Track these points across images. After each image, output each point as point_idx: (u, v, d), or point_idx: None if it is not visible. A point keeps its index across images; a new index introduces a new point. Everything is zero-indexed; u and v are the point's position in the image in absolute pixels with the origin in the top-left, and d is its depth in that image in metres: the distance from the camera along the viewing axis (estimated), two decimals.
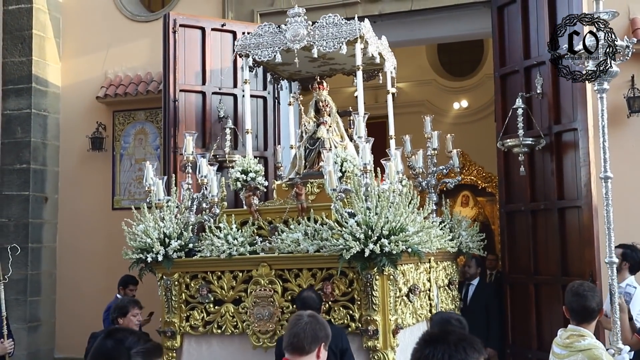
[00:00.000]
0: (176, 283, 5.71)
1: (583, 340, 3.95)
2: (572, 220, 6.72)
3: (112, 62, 9.51)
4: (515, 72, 7.39)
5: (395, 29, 8.38)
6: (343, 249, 4.88)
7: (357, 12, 8.09)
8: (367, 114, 5.71)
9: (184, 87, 7.88)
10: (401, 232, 4.90)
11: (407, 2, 8.29)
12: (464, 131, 12.41)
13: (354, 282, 5.15)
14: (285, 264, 5.38)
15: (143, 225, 5.67)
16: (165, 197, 5.86)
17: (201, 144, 7.80)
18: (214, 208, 5.86)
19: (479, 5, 8.04)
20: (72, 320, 9.18)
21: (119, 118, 9.42)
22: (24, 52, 9.49)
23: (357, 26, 5.80)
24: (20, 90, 9.46)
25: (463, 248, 6.82)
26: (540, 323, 6.91)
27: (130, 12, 9.55)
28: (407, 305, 5.50)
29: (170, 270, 5.66)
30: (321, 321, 3.53)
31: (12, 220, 9.33)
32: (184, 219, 5.80)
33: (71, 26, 9.83)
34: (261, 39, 6.08)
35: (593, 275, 6.27)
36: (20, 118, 9.44)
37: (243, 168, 5.98)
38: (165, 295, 5.74)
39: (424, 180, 6.81)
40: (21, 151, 9.41)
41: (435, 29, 8.58)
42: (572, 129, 6.72)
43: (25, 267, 9.16)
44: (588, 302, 4.04)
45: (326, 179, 5.26)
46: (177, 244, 5.62)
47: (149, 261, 5.62)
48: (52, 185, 9.64)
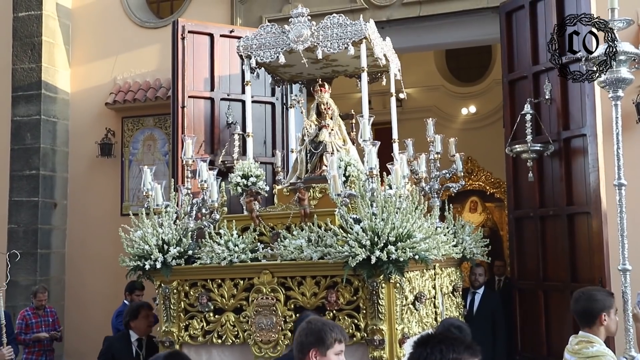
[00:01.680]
0: (175, 291, 5.53)
1: (592, 347, 3.93)
2: (581, 226, 6.70)
3: (121, 69, 9.55)
4: (523, 78, 7.38)
5: (403, 35, 8.38)
6: (348, 256, 4.74)
7: (365, 17, 8.07)
8: (373, 117, 5.59)
9: (192, 93, 7.89)
10: (408, 238, 4.76)
11: (415, 8, 8.29)
12: (472, 137, 12.42)
13: (360, 290, 4.99)
14: (288, 272, 5.22)
15: (141, 231, 5.48)
16: (164, 202, 5.67)
17: (209, 150, 7.82)
18: (214, 214, 5.68)
19: (487, 11, 8.04)
20: (81, 326, 9.20)
21: (127, 124, 9.45)
22: (34, 59, 9.54)
23: (362, 27, 5.67)
24: (30, 96, 9.51)
25: (467, 254, 6.65)
26: (549, 329, 6.88)
27: (139, 18, 9.59)
28: (413, 313, 5.35)
29: (169, 278, 5.47)
30: (313, 326, 3.31)
31: (21, 226, 9.37)
32: (183, 225, 5.62)
33: (80, 33, 9.88)
34: (263, 39, 5.93)
35: (602, 282, 6.23)
36: (29, 124, 9.48)
37: (244, 173, 5.85)
38: (163, 304, 5.55)
39: (427, 185, 6.61)
40: (30, 157, 9.45)
41: (443, 34, 8.58)
42: (581, 135, 6.70)
43: (34, 273, 9.20)
44: (584, 305, 4.04)
45: (330, 183, 5.11)
46: (176, 251, 5.43)
47: (147, 269, 5.43)
48: (61, 191, 9.67)
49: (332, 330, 3.29)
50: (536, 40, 7.21)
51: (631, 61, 4.41)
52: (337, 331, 3.33)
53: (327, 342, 3.24)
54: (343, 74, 6.71)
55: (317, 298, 5.12)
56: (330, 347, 3.24)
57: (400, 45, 8.84)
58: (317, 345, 3.22)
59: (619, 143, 4.52)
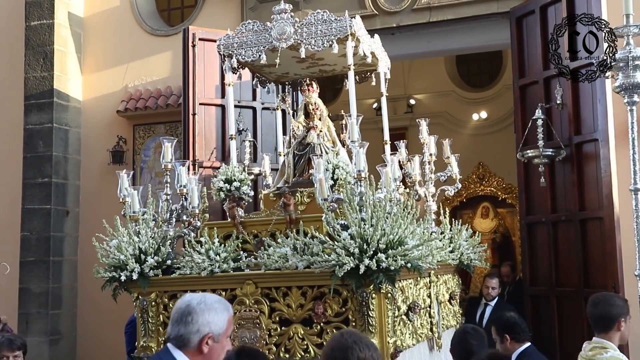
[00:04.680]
0: (153, 303, 5.21)
1: (606, 352, 3.90)
2: (593, 231, 6.66)
3: (132, 76, 9.59)
4: (534, 83, 7.36)
5: (413, 41, 8.39)
6: (336, 265, 4.44)
7: (375, 24, 8.11)
8: (361, 116, 5.21)
9: (203, 101, 7.92)
10: (400, 245, 4.46)
11: (425, 14, 8.29)
12: (484, 142, 12.40)
13: (348, 301, 4.70)
14: (273, 282, 4.90)
15: (116, 240, 5.17)
16: (141, 209, 5.32)
17: (220, 157, 7.84)
18: (194, 220, 5.39)
19: (497, 17, 8.02)
20: (93, 333, 9.22)
21: (139, 132, 9.48)
22: (46, 67, 9.60)
23: (347, 23, 5.32)
24: (42, 105, 9.56)
25: (464, 260, 6.33)
26: (562, 335, 6.84)
27: (150, 26, 9.64)
28: (406, 325, 5.02)
29: (146, 289, 5.13)
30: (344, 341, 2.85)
31: (34, 233, 9.41)
32: (161, 233, 5.29)
33: (92, 41, 9.94)
34: (245, 37, 5.60)
35: (616, 288, 6.20)
36: (42, 132, 9.54)
37: (227, 177, 5.46)
38: (141, 317, 5.22)
39: (422, 188, 6.24)
40: (43, 165, 9.49)
41: (454, 40, 8.57)
42: (593, 140, 6.67)
43: (46, 281, 9.22)
44: (603, 310, 4.01)
45: (317, 187, 4.82)
46: (154, 261, 5.10)
47: (123, 280, 5.10)
48: (73, 198, 9.71)
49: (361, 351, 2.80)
50: (547, 46, 7.19)
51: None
52: (363, 346, 2.80)
53: None
54: (330, 73, 6.38)
55: (303, 310, 4.84)
56: None
57: (411, 51, 8.89)
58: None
59: (634, 148, 4.49)
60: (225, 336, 2.89)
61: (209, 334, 2.81)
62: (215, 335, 2.83)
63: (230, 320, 2.91)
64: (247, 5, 8.86)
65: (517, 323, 4.79)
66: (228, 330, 2.90)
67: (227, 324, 2.88)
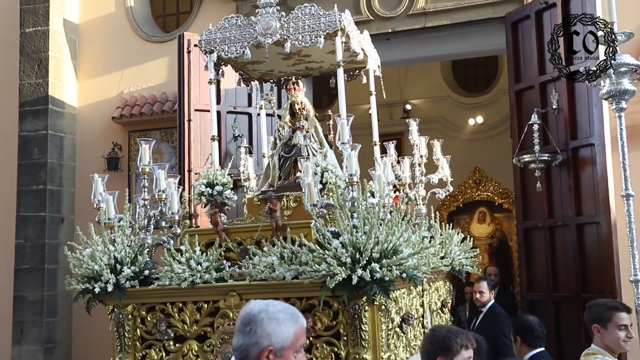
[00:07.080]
0: (130, 317, 4.85)
1: (594, 358, 3.92)
2: (590, 236, 6.65)
3: (127, 83, 9.58)
4: (530, 88, 7.36)
5: (409, 47, 8.38)
6: (326, 275, 4.14)
7: (371, 29, 8.09)
8: (352, 116, 4.85)
9: (198, 107, 7.89)
10: (394, 254, 4.17)
11: (420, 19, 8.29)
12: (480, 147, 12.39)
13: (340, 314, 4.38)
14: (258, 293, 4.39)
15: (90, 249, 4.82)
16: (117, 215, 4.97)
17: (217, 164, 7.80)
18: (174, 228, 5.01)
19: (493, 22, 8.03)
20: (89, 341, 9.16)
21: (134, 138, 9.45)
22: (41, 74, 9.58)
23: (336, 17, 4.99)
24: (37, 111, 9.54)
25: (455, 265, 5.99)
26: (560, 341, 6.81)
27: (145, 33, 9.62)
28: (400, 337, 4.75)
29: (122, 301, 4.78)
30: (437, 333, 3.26)
31: (28, 241, 9.37)
32: (138, 241, 4.93)
33: (87, 48, 9.92)
34: (228, 32, 5.27)
35: (613, 293, 6.18)
36: (36, 139, 9.51)
37: (208, 181, 5.07)
38: (116, 332, 4.85)
39: (412, 191, 5.95)
40: (38, 172, 9.46)
41: (450, 45, 8.56)
42: (589, 145, 6.67)
43: (41, 288, 9.18)
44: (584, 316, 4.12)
45: (305, 192, 4.53)
46: (131, 271, 4.74)
47: (97, 292, 4.73)
48: (68, 206, 9.67)
49: (456, 337, 3.21)
50: (542, 50, 7.19)
51: (633, 73, 4.40)
52: (462, 337, 3.23)
53: (454, 349, 3.18)
54: (318, 71, 6.09)
55: None
56: (457, 354, 3.18)
57: (406, 57, 8.88)
58: (443, 353, 3.17)
59: (624, 154, 4.49)
60: (293, 351, 2.53)
61: (269, 346, 2.47)
62: (277, 349, 2.48)
63: (300, 332, 2.57)
64: (242, 11, 8.84)
65: (530, 327, 4.80)
66: (296, 344, 2.55)
67: (293, 337, 2.52)
